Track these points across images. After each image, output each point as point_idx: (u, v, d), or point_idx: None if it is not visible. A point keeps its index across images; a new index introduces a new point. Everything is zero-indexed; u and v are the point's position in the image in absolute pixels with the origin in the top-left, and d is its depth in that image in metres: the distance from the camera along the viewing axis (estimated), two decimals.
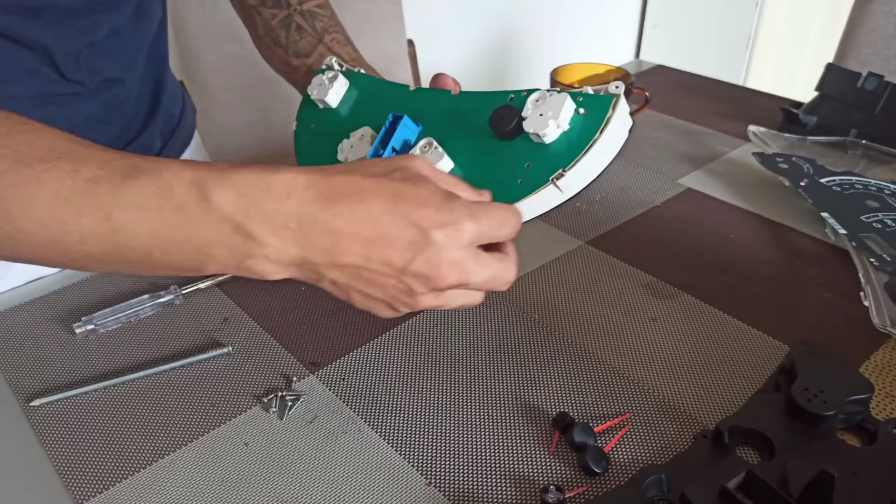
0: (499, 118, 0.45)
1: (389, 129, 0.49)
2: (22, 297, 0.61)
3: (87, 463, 0.46)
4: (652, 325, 0.56)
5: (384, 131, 0.49)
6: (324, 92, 0.55)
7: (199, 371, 0.53)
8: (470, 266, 0.38)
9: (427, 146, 0.47)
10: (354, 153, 0.51)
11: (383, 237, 0.37)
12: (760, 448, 0.45)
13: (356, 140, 0.51)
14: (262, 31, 0.68)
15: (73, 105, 0.60)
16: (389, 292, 0.39)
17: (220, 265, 0.38)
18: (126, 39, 0.63)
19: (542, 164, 0.44)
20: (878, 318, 0.54)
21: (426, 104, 0.51)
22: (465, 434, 0.47)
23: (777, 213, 0.70)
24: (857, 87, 0.81)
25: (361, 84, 0.56)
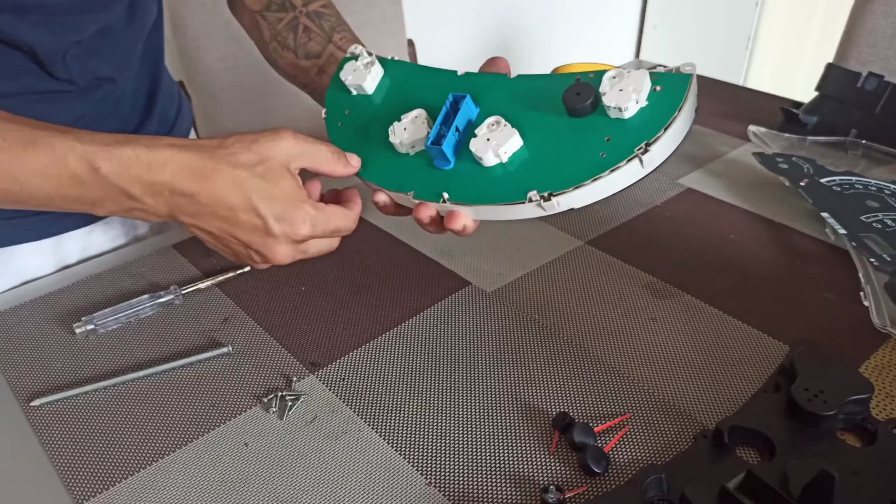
0: (574, 94, 0.45)
1: (451, 110, 0.48)
2: (22, 297, 0.61)
3: (87, 463, 0.46)
4: (652, 325, 0.56)
5: (445, 111, 0.48)
6: (360, 77, 0.54)
7: (199, 371, 0.53)
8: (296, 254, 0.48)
9: (495, 124, 0.46)
10: (410, 135, 0.49)
11: (235, 219, 0.46)
12: (760, 448, 0.45)
13: (409, 122, 0.50)
14: (269, 35, 0.67)
15: (64, 103, 0.60)
16: (240, 255, 0.49)
17: (108, 213, 0.48)
18: (117, 39, 0.62)
19: (624, 138, 0.44)
20: (878, 318, 0.54)
21: (480, 87, 0.50)
22: (465, 434, 0.47)
23: (777, 213, 0.70)
24: (857, 87, 0.81)
25: (398, 70, 0.55)
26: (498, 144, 0.45)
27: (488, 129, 0.47)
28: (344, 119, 0.55)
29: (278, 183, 0.46)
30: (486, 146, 0.46)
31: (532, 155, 0.46)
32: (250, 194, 0.45)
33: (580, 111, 0.45)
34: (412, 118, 0.50)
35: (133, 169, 0.44)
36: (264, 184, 0.45)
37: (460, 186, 0.48)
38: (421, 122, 0.49)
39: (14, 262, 0.65)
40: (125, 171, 0.44)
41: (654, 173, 0.78)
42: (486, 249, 0.66)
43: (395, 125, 0.50)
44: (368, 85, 0.54)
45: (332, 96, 0.56)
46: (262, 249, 0.47)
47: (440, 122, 0.48)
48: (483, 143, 0.46)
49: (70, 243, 0.68)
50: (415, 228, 0.69)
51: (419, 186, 0.49)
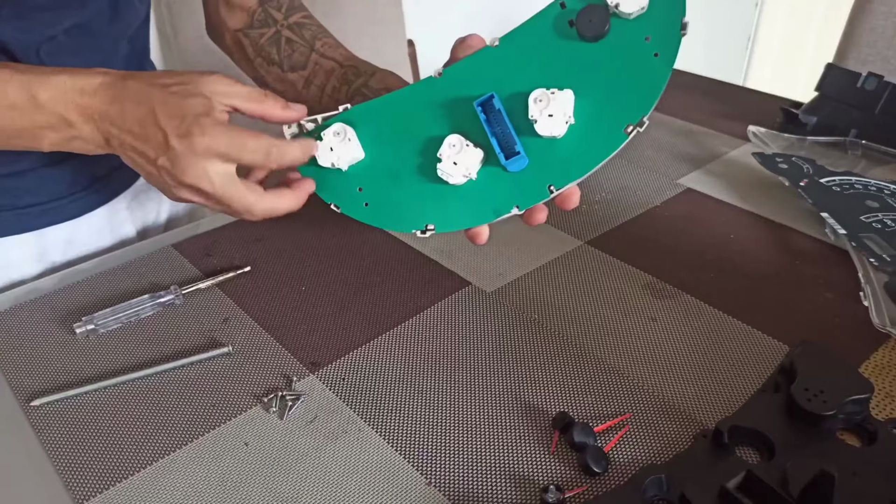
0: (587, 21, 0.44)
1: (488, 117, 0.46)
2: (22, 297, 0.61)
3: (87, 463, 0.46)
4: (652, 325, 0.56)
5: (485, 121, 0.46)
6: (346, 150, 0.50)
7: (199, 371, 0.53)
8: (202, 174, 0.46)
9: (542, 97, 0.45)
10: (465, 163, 0.47)
11: (144, 135, 0.46)
12: (760, 448, 0.45)
13: (455, 152, 0.47)
14: (252, 53, 0.67)
15: None
16: (153, 178, 0.48)
17: (52, 145, 0.49)
18: (97, 38, 0.62)
19: (661, 28, 0.44)
20: (878, 318, 0.54)
21: (474, 75, 0.48)
22: (466, 434, 0.47)
23: (777, 213, 0.70)
24: (857, 87, 0.81)
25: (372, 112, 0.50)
26: (561, 111, 0.44)
27: (536, 103, 0.45)
28: (361, 196, 0.52)
29: (188, 101, 0.46)
30: (551, 120, 0.45)
31: (581, 91, 0.45)
32: (154, 106, 0.45)
33: (600, 35, 0.44)
34: (451, 148, 0.47)
35: (68, 94, 0.46)
36: (173, 98, 0.45)
37: (544, 169, 0.47)
38: (467, 146, 0.47)
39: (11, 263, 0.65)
40: (61, 96, 0.46)
41: (654, 174, 0.78)
42: (486, 249, 0.66)
43: (441, 166, 0.48)
44: (358, 152, 0.51)
45: (329, 182, 0.52)
46: (168, 165, 0.46)
47: (492, 134, 0.46)
48: (546, 120, 0.45)
49: (52, 237, 0.68)
50: None
51: (508, 198, 0.48)
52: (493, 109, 0.46)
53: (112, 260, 0.66)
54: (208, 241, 0.68)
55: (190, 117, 0.45)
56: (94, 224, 0.71)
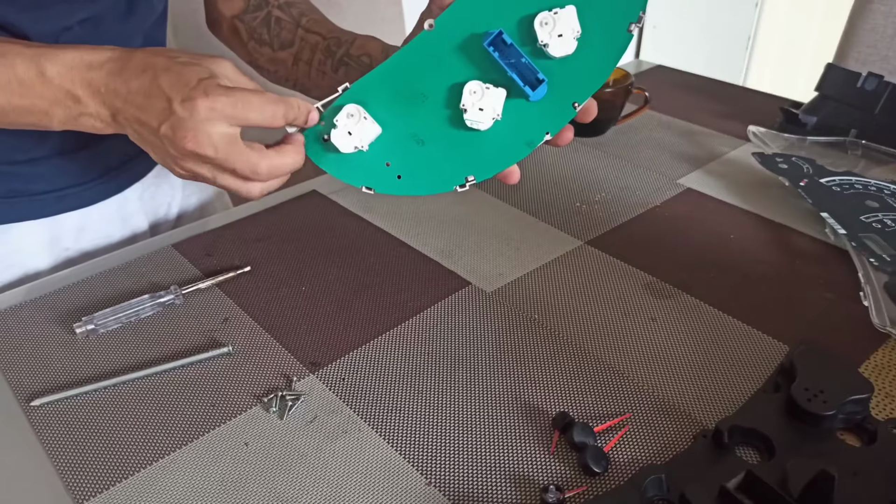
0: None
1: (505, 53, 0.46)
2: (22, 297, 0.61)
3: (87, 463, 0.46)
4: (652, 325, 0.56)
5: (500, 56, 0.46)
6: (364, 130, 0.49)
7: (199, 371, 0.53)
8: (204, 139, 0.45)
9: (548, 19, 0.45)
10: (489, 103, 0.47)
11: (147, 105, 0.45)
12: (760, 448, 0.45)
13: (478, 98, 0.47)
14: (246, 36, 0.68)
15: None
16: (158, 151, 0.48)
17: (61, 123, 0.49)
18: (110, 31, 0.62)
19: None
20: (878, 318, 0.54)
21: (467, 16, 0.47)
22: (466, 434, 0.47)
23: (777, 213, 0.70)
24: (857, 87, 0.81)
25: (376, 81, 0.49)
26: (569, 27, 0.45)
27: (543, 27, 0.45)
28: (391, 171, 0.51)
29: (192, 67, 0.45)
30: (562, 40, 0.45)
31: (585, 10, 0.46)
32: (157, 74, 0.45)
33: None
34: (473, 95, 0.47)
35: (75, 69, 0.46)
36: (177, 66, 0.45)
37: (564, 88, 0.47)
38: (484, 90, 0.47)
39: (10, 244, 0.65)
40: (68, 71, 0.46)
41: (654, 174, 0.78)
42: (486, 249, 0.66)
43: (468, 116, 0.47)
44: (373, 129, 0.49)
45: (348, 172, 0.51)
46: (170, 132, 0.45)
47: (511, 69, 0.46)
48: (558, 41, 0.45)
49: (65, 224, 0.69)
50: (414, 228, 0.69)
51: (537, 127, 0.48)
52: (506, 44, 0.46)
53: (112, 260, 0.66)
54: (208, 241, 0.68)
55: (193, 82, 0.44)
56: (105, 213, 0.72)
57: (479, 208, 0.72)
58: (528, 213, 0.71)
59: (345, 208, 0.73)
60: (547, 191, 0.75)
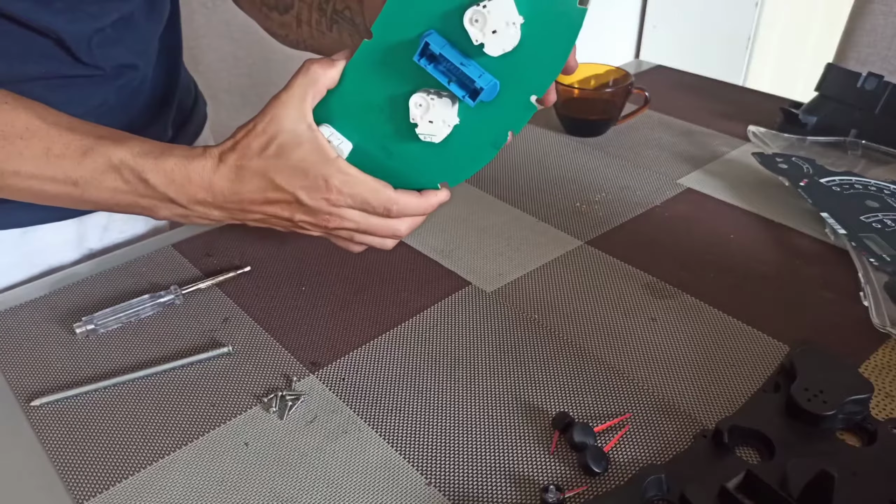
0: None
1: (437, 64, 0.43)
2: (22, 297, 0.61)
3: (87, 463, 0.46)
4: (652, 325, 0.56)
5: (436, 70, 0.43)
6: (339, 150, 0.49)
7: (199, 371, 0.53)
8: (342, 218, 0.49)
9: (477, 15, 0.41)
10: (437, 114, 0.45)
11: (275, 202, 0.49)
12: (760, 448, 0.45)
13: (424, 111, 0.45)
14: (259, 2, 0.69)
15: (87, 89, 0.61)
16: (294, 228, 0.52)
17: (166, 218, 0.52)
18: (137, 29, 0.64)
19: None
20: (878, 318, 0.54)
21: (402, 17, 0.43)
22: (466, 434, 0.47)
23: (777, 213, 0.70)
24: (857, 87, 0.81)
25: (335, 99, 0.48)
26: (502, 21, 0.41)
27: (474, 25, 0.41)
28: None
29: (294, 154, 0.47)
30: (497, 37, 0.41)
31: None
32: (272, 176, 0.47)
33: None
34: (419, 108, 0.45)
35: (177, 180, 0.48)
36: (280, 162, 0.47)
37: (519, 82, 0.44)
38: (429, 102, 0.44)
39: (36, 243, 0.66)
40: (170, 183, 0.48)
41: (654, 174, 0.78)
42: (486, 249, 0.66)
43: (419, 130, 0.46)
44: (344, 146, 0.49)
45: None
46: (309, 218, 0.50)
47: (447, 81, 0.43)
48: (493, 38, 0.41)
49: (91, 223, 0.69)
50: None
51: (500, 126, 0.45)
52: (435, 54, 0.43)
53: (112, 260, 0.66)
54: (208, 241, 0.68)
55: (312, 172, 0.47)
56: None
57: (479, 208, 0.72)
58: (528, 213, 0.71)
59: None
60: (547, 191, 0.75)
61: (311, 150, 0.47)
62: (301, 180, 0.47)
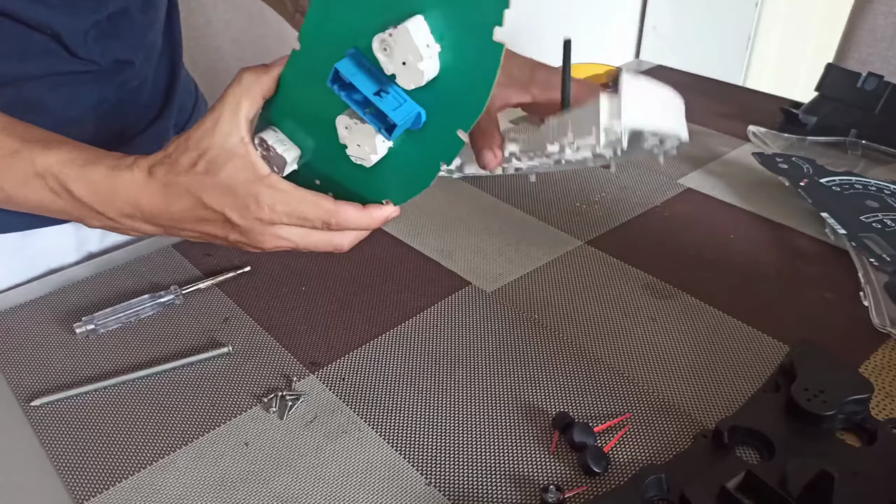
0: None
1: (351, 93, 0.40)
2: (22, 297, 0.61)
3: (87, 463, 0.46)
4: (652, 325, 0.56)
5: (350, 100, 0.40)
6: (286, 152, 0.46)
7: (199, 371, 0.53)
8: (277, 237, 0.47)
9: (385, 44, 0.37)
10: (364, 140, 0.42)
11: (203, 219, 0.46)
12: (760, 448, 0.45)
13: (349, 134, 0.43)
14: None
15: (87, 86, 0.61)
16: (228, 243, 0.48)
17: (99, 227, 0.48)
18: (133, 23, 0.64)
19: None
20: (878, 318, 0.54)
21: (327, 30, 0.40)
22: (466, 434, 0.47)
23: (777, 213, 0.70)
24: (857, 88, 0.81)
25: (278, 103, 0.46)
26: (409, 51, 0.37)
27: (384, 53, 0.38)
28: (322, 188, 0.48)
29: (222, 171, 0.44)
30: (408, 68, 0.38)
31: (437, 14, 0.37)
32: (200, 195, 0.45)
33: None
34: (346, 130, 0.43)
35: (101, 194, 0.46)
36: (208, 179, 0.44)
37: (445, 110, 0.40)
38: (353, 126, 0.42)
39: (36, 246, 0.66)
40: (94, 195, 0.46)
41: (654, 174, 0.78)
42: (486, 249, 0.66)
43: (349, 153, 0.44)
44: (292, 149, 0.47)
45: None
46: (243, 239, 0.47)
47: (363, 112, 0.40)
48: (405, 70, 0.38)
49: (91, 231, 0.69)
50: (414, 228, 0.69)
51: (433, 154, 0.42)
52: (346, 83, 0.39)
53: (112, 260, 0.66)
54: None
55: (242, 191, 0.44)
56: None
57: (479, 208, 0.72)
58: (528, 213, 0.71)
59: None
60: (547, 191, 0.75)
61: (241, 167, 0.44)
62: (230, 199, 0.44)
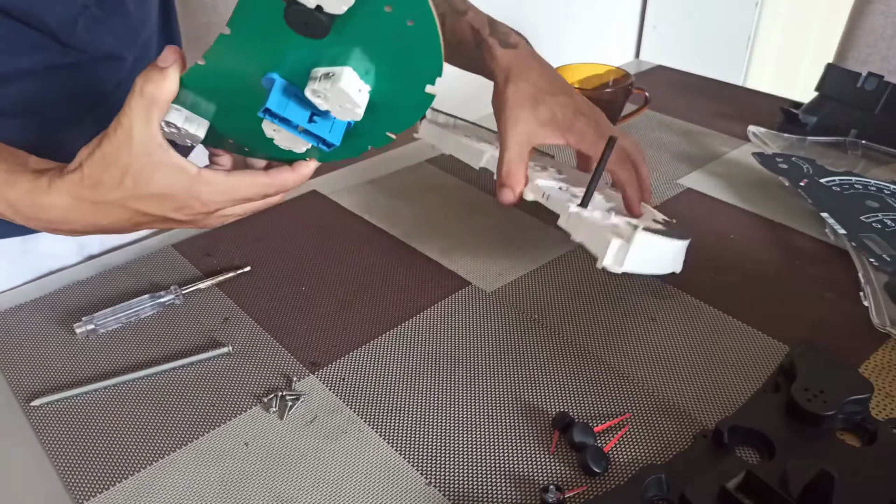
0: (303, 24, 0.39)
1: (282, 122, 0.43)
2: (22, 297, 0.61)
3: (87, 463, 0.46)
4: (652, 325, 0.56)
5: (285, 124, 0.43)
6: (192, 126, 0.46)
7: (199, 371, 0.53)
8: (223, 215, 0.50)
9: (320, 90, 0.41)
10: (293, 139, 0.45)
11: (147, 220, 0.47)
12: (760, 448, 0.45)
13: (278, 135, 0.45)
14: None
15: (77, 79, 0.61)
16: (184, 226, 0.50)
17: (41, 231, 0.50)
18: (126, 14, 0.63)
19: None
20: (878, 318, 0.54)
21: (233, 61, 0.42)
22: (466, 434, 0.47)
23: (777, 213, 0.70)
24: (857, 87, 0.81)
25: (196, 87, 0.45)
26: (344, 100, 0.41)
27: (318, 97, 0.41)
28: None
29: (154, 181, 0.45)
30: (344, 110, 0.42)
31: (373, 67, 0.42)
32: (135, 206, 0.46)
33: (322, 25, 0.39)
34: (276, 131, 0.45)
35: (23, 213, 0.46)
36: (140, 191, 0.45)
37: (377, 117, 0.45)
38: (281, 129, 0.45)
39: (37, 251, 0.66)
40: (16, 213, 0.46)
41: (654, 174, 0.77)
42: (486, 249, 0.66)
43: (278, 144, 0.46)
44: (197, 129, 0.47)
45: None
46: (186, 226, 0.50)
47: (298, 133, 0.44)
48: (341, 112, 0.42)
49: None
50: (414, 228, 0.69)
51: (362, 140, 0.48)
52: (279, 117, 0.43)
53: (112, 260, 0.66)
54: (208, 241, 0.68)
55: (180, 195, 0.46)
56: None
57: (480, 208, 0.72)
58: (528, 213, 0.71)
59: (345, 208, 0.73)
60: None
61: (171, 173, 0.45)
62: (170, 203, 0.46)
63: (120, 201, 0.45)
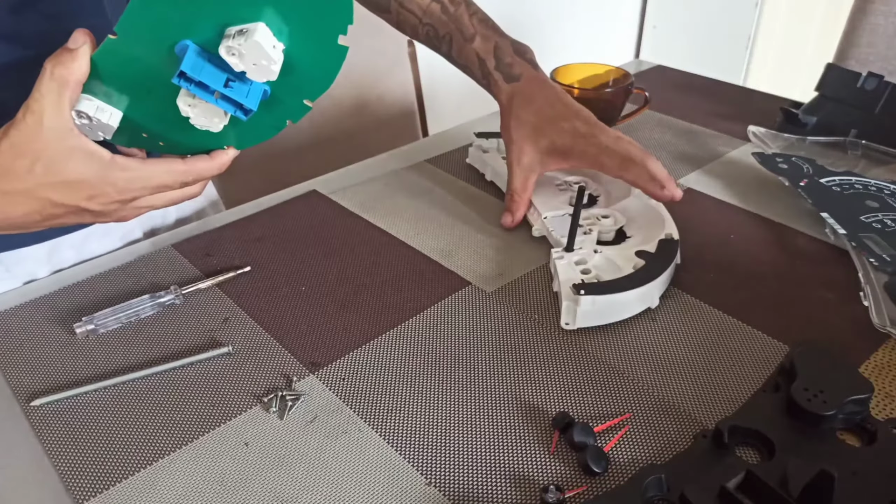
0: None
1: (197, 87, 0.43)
2: (22, 297, 0.61)
3: (87, 463, 0.46)
4: (652, 325, 0.56)
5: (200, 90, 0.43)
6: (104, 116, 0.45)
7: (199, 371, 0.53)
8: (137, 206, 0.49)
9: (234, 48, 0.41)
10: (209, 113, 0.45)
11: (52, 216, 0.47)
12: (760, 448, 0.45)
13: (192, 110, 0.45)
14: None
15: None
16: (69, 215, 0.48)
17: None
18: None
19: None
20: (878, 318, 0.54)
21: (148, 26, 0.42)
22: (466, 434, 0.47)
23: (777, 213, 0.70)
24: (857, 87, 0.81)
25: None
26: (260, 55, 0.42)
27: (233, 57, 0.42)
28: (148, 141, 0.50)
29: (66, 169, 0.44)
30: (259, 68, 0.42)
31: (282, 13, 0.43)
32: (47, 196, 0.44)
33: None
34: (189, 107, 0.45)
35: None
36: (52, 179, 0.44)
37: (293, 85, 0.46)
38: (198, 103, 0.44)
39: (7, 261, 0.66)
40: None
41: None
42: (486, 249, 0.66)
43: (194, 122, 0.45)
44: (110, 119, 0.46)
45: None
46: (101, 219, 0.49)
47: (214, 100, 0.43)
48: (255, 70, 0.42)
49: (65, 243, 0.68)
50: (414, 228, 0.69)
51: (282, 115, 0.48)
52: (194, 81, 0.43)
53: (112, 260, 0.66)
54: (208, 241, 0.68)
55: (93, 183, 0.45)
56: (106, 228, 0.72)
57: (480, 208, 0.72)
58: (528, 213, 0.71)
59: (345, 208, 0.73)
60: None
61: (84, 159, 0.44)
62: (84, 192, 0.45)
63: (31, 191, 0.44)
